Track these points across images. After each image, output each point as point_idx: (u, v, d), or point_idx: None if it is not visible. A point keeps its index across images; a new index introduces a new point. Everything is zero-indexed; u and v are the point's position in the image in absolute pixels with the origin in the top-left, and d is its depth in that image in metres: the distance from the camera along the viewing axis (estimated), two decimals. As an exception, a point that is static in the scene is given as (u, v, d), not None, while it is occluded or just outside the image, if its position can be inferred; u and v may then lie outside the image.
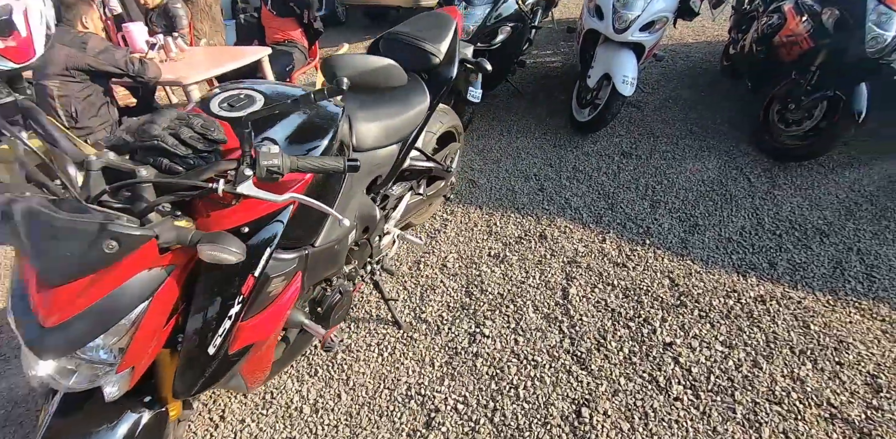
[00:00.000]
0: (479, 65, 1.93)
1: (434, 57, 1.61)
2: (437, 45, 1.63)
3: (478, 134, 3.12)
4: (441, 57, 1.62)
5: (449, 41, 1.68)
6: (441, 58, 1.63)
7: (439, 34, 1.67)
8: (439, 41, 1.65)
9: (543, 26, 5.31)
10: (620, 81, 2.62)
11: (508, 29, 2.76)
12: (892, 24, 2.19)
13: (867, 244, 2.17)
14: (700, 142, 2.93)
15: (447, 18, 1.75)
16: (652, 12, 2.62)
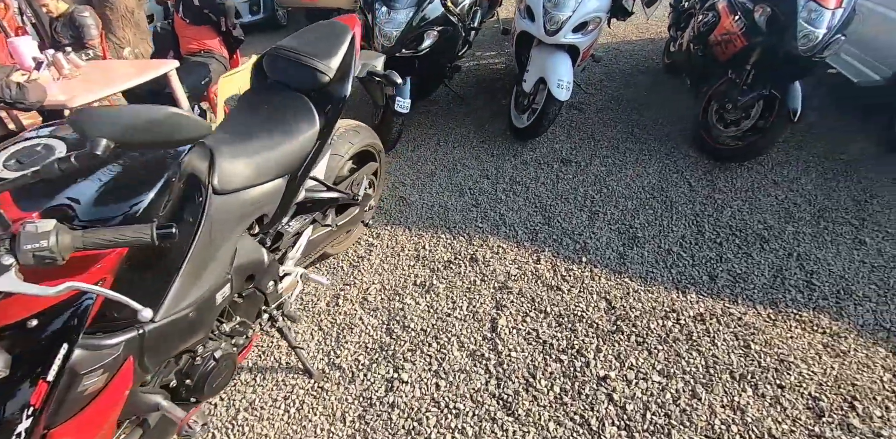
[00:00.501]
0: (388, 78, 1.75)
1: (322, 75, 1.41)
2: (327, 60, 1.44)
3: (413, 144, 2.94)
4: (331, 74, 1.43)
5: (342, 55, 1.48)
6: (332, 75, 1.43)
7: (331, 48, 1.47)
8: (330, 56, 1.45)
9: (488, 26, 5.17)
10: (555, 86, 2.48)
11: (436, 33, 2.58)
12: (822, 20, 2.13)
13: (807, 248, 2.10)
14: (641, 145, 2.83)
15: (341, 29, 1.55)
16: (584, 13, 2.49)
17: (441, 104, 3.46)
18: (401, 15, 2.49)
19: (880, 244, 2.14)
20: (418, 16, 2.49)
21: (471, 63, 4.23)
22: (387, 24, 2.48)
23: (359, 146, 1.82)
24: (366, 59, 1.78)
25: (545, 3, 2.49)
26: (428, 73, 2.83)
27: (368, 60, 1.77)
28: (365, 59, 1.78)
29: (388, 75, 1.74)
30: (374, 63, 1.78)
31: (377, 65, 1.79)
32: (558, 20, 2.47)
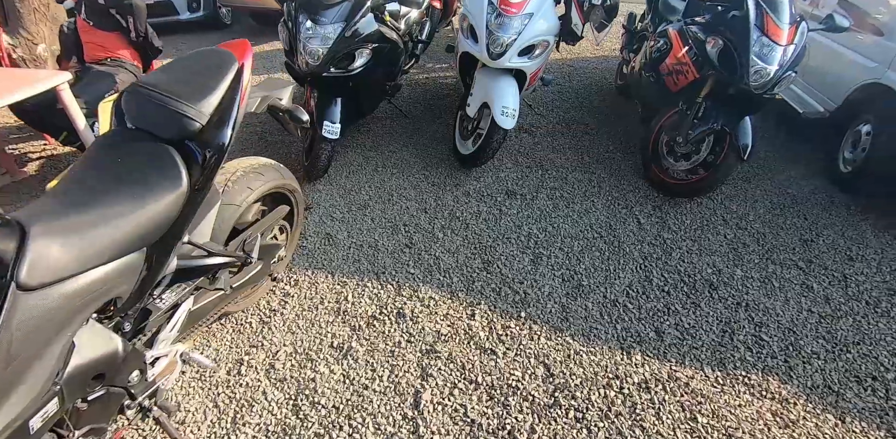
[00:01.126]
0: (293, 115, 1.49)
1: (192, 121, 1.13)
2: (200, 102, 1.16)
3: (348, 169, 2.68)
4: (204, 119, 1.15)
5: (222, 92, 1.21)
6: (205, 120, 1.15)
7: (206, 85, 1.19)
8: (204, 96, 1.17)
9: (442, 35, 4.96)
10: (499, 113, 2.29)
11: (369, 52, 2.33)
12: (774, 56, 2.04)
13: (755, 295, 2.00)
14: (590, 174, 2.69)
15: (224, 59, 1.27)
16: (531, 36, 2.31)
17: (384, 122, 3.21)
18: (328, 30, 2.22)
19: (826, 290, 2.08)
20: (349, 31, 2.23)
21: (420, 76, 4.00)
22: (312, 39, 2.21)
23: (263, 191, 1.55)
24: (267, 89, 1.51)
25: (489, 23, 2.31)
26: (363, 93, 2.58)
27: (271, 92, 1.50)
28: (266, 89, 1.51)
29: (293, 111, 1.48)
30: (279, 95, 1.52)
31: (282, 97, 1.53)
32: (503, 43, 2.28)
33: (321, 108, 2.35)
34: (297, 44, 2.19)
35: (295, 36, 2.23)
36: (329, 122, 2.27)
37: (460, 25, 2.57)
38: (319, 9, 2.20)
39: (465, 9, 2.52)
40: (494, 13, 2.31)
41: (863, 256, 2.32)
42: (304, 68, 2.22)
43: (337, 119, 2.33)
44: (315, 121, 2.34)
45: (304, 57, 2.21)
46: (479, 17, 2.35)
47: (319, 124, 2.29)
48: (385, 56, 2.51)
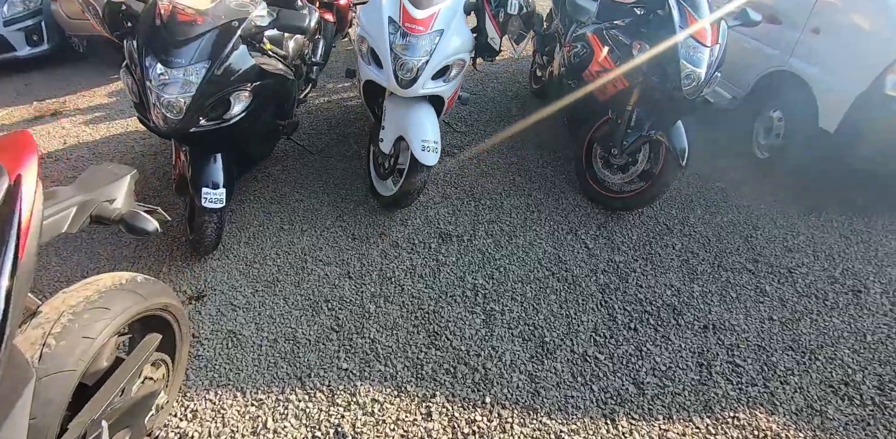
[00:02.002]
0: (131, 227, 1.06)
1: None
2: None
3: (247, 233, 2.22)
4: None
5: None
6: None
7: None
8: None
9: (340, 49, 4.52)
10: (420, 149, 1.96)
11: (248, 94, 1.89)
12: (702, 59, 1.91)
13: (718, 313, 1.90)
14: (526, 198, 2.46)
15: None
16: (444, 56, 1.98)
17: (285, 163, 2.75)
18: (188, 73, 1.75)
19: (779, 290, 2.04)
20: (217, 71, 1.77)
21: (321, 100, 3.56)
22: (168, 87, 1.72)
23: (127, 317, 1.10)
24: (88, 188, 1.07)
25: (393, 45, 1.95)
26: (251, 141, 2.13)
27: (95, 192, 1.06)
28: (86, 189, 1.07)
29: (131, 221, 1.05)
30: (109, 194, 1.08)
31: (115, 196, 1.09)
32: (412, 67, 1.93)
33: (197, 170, 1.88)
34: (149, 94, 1.70)
35: (143, 84, 1.73)
36: (209, 189, 1.81)
37: (358, 49, 2.18)
38: (171, 47, 1.72)
39: (363, 30, 2.13)
40: (398, 33, 1.95)
41: (798, 246, 2.34)
42: (161, 125, 1.73)
43: (220, 182, 1.87)
44: (190, 187, 1.86)
45: (161, 111, 1.72)
46: (380, 39, 1.98)
47: (196, 191, 1.82)
48: (271, 93, 2.07)
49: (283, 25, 1.90)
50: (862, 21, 2.22)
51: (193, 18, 1.82)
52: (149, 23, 1.80)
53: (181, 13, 1.83)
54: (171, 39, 1.74)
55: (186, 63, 1.73)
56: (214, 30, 1.80)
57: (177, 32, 1.75)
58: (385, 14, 1.98)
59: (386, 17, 1.97)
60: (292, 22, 1.89)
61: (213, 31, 1.79)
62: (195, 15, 1.83)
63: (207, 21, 1.84)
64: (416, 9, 1.97)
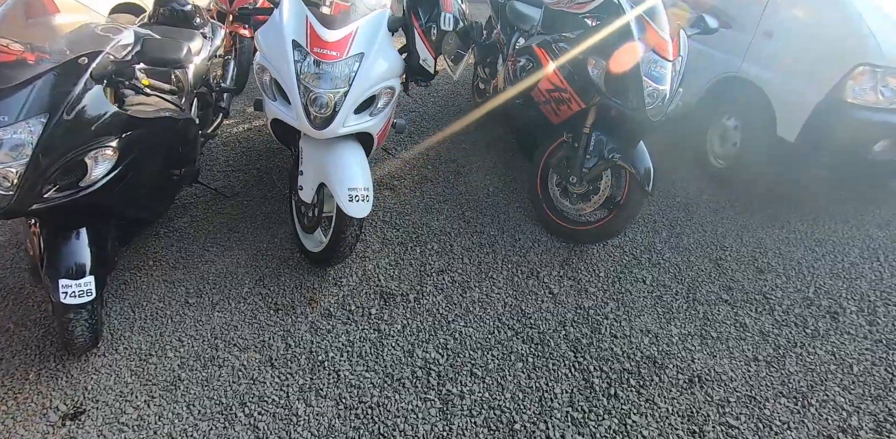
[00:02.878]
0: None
1: None
2: None
3: (143, 315, 1.77)
4: None
5: None
6: None
7: None
8: None
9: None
10: (346, 199, 1.59)
11: (111, 151, 1.45)
12: (665, 74, 1.68)
13: (702, 360, 1.72)
14: (478, 236, 2.16)
15: None
16: (368, 85, 1.61)
17: (193, 213, 2.31)
18: (18, 133, 1.30)
19: (757, 322, 1.92)
20: (60, 127, 1.33)
21: (237, 128, 3.10)
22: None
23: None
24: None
25: (301, 76, 1.55)
26: (132, 206, 1.69)
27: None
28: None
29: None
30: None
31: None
32: (327, 102, 1.54)
33: (52, 254, 1.43)
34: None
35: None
36: (69, 281, 1.38)
37: (259, 81, 1.75)
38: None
39: (262, 56, 1.71)
40: (306, 61, 1.56)
41: (768, 265, 2.23)
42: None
43: (85, 267, 1.43)
44: (43, 277, 1.42)
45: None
46: (283, 69, 1.58)
47: (52, 283, 1.39)
48: (152, 143, 1.65)
49: (148, 59, 1.48)
50: (819, 26, 2.08)
51: (21, 57, 1.38)
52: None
53: (3, 50, 1.38)
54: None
55: (12, 119, 1.28)
56: (53, 71, 1.36)
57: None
58: (288, 37, 1.59)
59: (289, 42, 1.58)
60: (161, 54, 1.48)
61: (51, 73, 1.36)
62: (23, 52, 1.39)
63: (42, 60, 1.40)
64: (327, 29, 1.59)
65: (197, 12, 2.54)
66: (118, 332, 1.71)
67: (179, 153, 1.94)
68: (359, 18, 1.67)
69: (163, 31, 2.35)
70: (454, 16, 1.73)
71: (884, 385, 1.70)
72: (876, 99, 1.97)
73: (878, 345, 1.86)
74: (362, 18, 1.67)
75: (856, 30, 1.91)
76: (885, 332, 1.92)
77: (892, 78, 1.92)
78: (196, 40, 2.39)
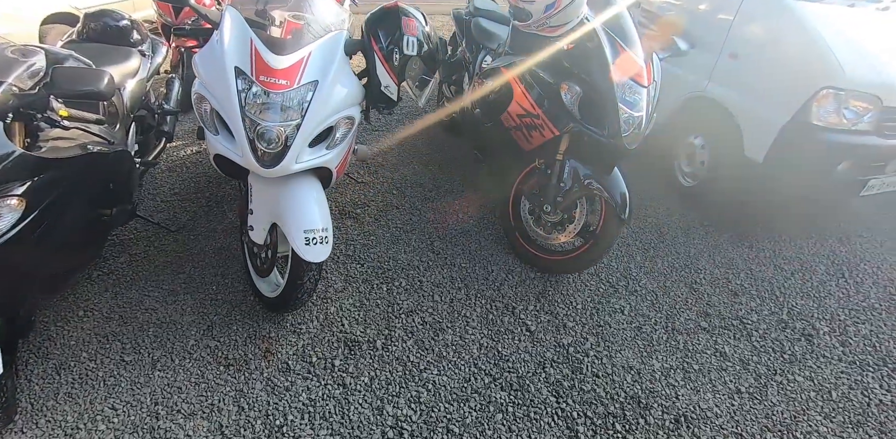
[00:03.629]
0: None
1: None
2: None
3: (70, 379, 1.53)
4: None
5: None
6: None
7: None
8: None
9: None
10: (303, 243, 1.42)
11: (17, 200, 1.23)
12: (640, 100, 1.62)
13: (686, 397, 1.67)
14: (449, 269, 2.03)
15: None
16: (322, 116, 1.43)
17: (132, 251, 2.07)
18: None
19: (736, 349, 1.90)
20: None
21: (183, 151, 2.86)
22: None
23: None
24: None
25: (245, 108, 1.36)
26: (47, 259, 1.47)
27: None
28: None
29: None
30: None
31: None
32: (277, 136, 1.35)
33: None
34: None
35: None
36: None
37: (198, 111, 1.51)
38: None
39: (201, 84, 1.49)
40: (252, 90, 1.36)
41: (741, 287, 2.23)
42: None
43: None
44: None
45: None
46: (225, 100, 1.37)
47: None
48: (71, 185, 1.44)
49: (60, 92, 1.28)
50: (782, 48, 2.09)
51: None
52: None
53: None
54: None
55: None
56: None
57: None
58: (229, 63, 1.39)
59: (231, 69, 1.38)
60: (74, 86, 1.27)
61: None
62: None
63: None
64: (275, 54, 1.41)
65: (134, 27, 2.30)
66: (40, 401, 1.48)
67: (111, 190, 1.72)
68: (312, 41, 1.51)
69: (93, 50, 2.11)
70: (418, 39, 1.60)
71: (862, 410, 1.69)
72: (839, 121, 1.98)
73: (852, 367, 1.85)
74: (315, 42, 1.50)
75: (819, 53, 1.92)
76: (857, 353, 1.92)
77: (855, 100, 1.94)
78: (133, 59, 2.17)
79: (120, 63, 2.08)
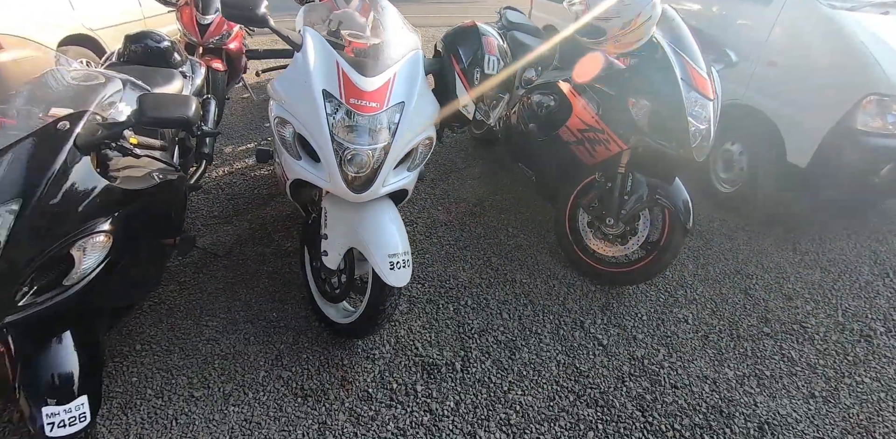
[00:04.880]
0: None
1: None
2: None
3: (138, 419, 1.47)
4: None
5: None
6: None
7: None
8: None
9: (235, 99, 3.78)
10: (386, 267, 1.38)
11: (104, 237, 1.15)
12: (706, 114, 1.64)
13: (765, 405, 1.67)
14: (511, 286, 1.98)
15: None
16: (409, 137, 1.39)
17: (181, 279, 1.99)
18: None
19: (803, 354, 1.90)
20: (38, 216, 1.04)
21: (217, 171, 2.82)
22: None
23: None
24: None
25: (333, 131, 1.30)
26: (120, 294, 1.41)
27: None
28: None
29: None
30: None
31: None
32: (366, 161, 1.30)
33: (28, 369, 1.13)
34: None
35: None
36: (54, 408, 1.08)
37: (277, 135, 1.46)
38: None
39: (281, 107, 1.43)
40: (339, 113, 1.32)
41: (795, 291, 2.24)
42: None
43: (73, 385, 1.13)
44: (22, 403, 1.12)
45: None
46: (314, 124, 1.32)
47: (34, 411, 1.09)
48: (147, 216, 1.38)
49: (149, 120, 1.23)
50: (824, 56, 2.13)
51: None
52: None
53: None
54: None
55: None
56: (23, 142, 1.09)
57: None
58: (317, 87, 1.34)
59: (319, 91, 1.33)
60: (164, 113, 1.23)
61: (21, 145, 1.09)
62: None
63: (7, 127, 1.12)
64: (363, 76, 1.37)
65: (174, 49, 2.27)
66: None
67: (171, 218, 1.67)
68: (393, 61, 1.45)
69: (135, 72, 2.06)
70: (497, 58, 1.59)
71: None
72: (884, 125, 2.02)
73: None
74: (398, 62, 1.46)
75: (863, 60, 1.96)
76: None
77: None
78: (175, 81, 2.13)
79: (163, 85, 2.04)
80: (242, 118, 3.57)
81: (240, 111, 3.70)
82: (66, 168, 1.11)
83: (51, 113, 1.19)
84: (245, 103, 3.83)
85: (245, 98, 3.91)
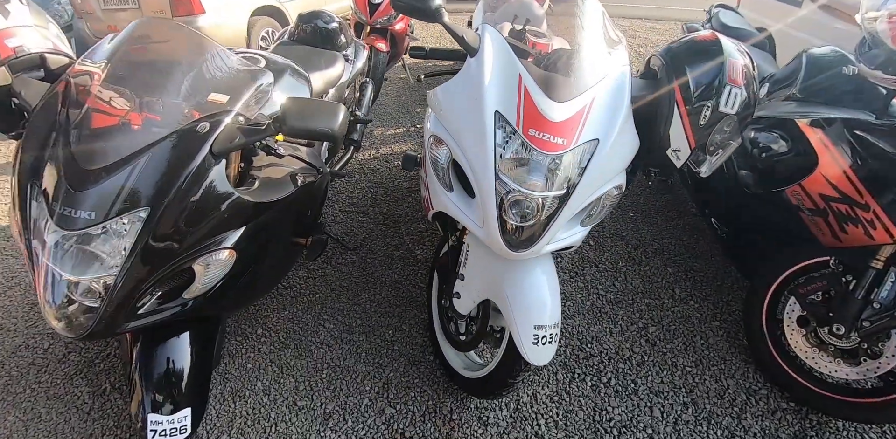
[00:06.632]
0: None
1: None
2: None
3: (244, 409, 1.42)
4: None
5: None
6: None
7: None
8: None
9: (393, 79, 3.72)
10: (529, 341, 1.10)
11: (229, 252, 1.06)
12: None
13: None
14: (669, 370, 1.55)
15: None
16: (595, 187, 1.07)
17: (310, 266, 1.96)
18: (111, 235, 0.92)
19: None
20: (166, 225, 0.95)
21: (363, 154, 2.76)
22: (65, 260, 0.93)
23: None
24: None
25: (499, 165, 1.00)
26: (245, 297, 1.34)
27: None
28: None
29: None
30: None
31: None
32: (535, 209, 1.00)
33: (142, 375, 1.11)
34: (38, 271, 0.94)
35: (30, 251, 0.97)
36: (160, 416, 1.04)
37: (431, 157, 1.19)
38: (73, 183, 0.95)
39: (438, 123, 1.17)
40: (513, 143, 1.01)
41: None
42: (62, 327, 0.97)
43: (179, 395, 1.09)
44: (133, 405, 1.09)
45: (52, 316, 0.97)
46: (475, 150, 1.04)
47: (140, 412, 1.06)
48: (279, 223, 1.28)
49: (288, 130, 1.07)
50: None
51: (125, 118, 1.01)
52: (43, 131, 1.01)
53: (103, 109, 1.02)
54: (74, 168, 0.95)
55: (100, 216, 0.92)
56: (158, 144, 0.98)
57: (87, 155, 0.96)
58: (489, 106, 1.04)
59: (491, 113, 1.03)
60: (306, 124, 1.04)
61: (156, 147, 0.98)
62: (128, 111, 1.02)
63: (149, 122, 1.01)
64: (551, 100, 1.03)
65: (341, 31, 2.19)
66: (214, 432, 1.38)
67: (307, 217, 1.58)
68: (591, 82, 1.08)
69: (302, 53, 2.02)
70: (741, 91, 1.15)
71: None
72: None
73: None
74: (598, 84, 1.08)
75: None
76: None
77: None
78: (338, 65, 2.05)
79: (325, 68, 1.97)
80: (397, 100, 3.49)
81: (395, 92, 3.62)
82: (198, 175, 1.00)
83: (209, 99, 1.09)
84: (401, 84, 3.75)
85: (402, 78, 3.83)
